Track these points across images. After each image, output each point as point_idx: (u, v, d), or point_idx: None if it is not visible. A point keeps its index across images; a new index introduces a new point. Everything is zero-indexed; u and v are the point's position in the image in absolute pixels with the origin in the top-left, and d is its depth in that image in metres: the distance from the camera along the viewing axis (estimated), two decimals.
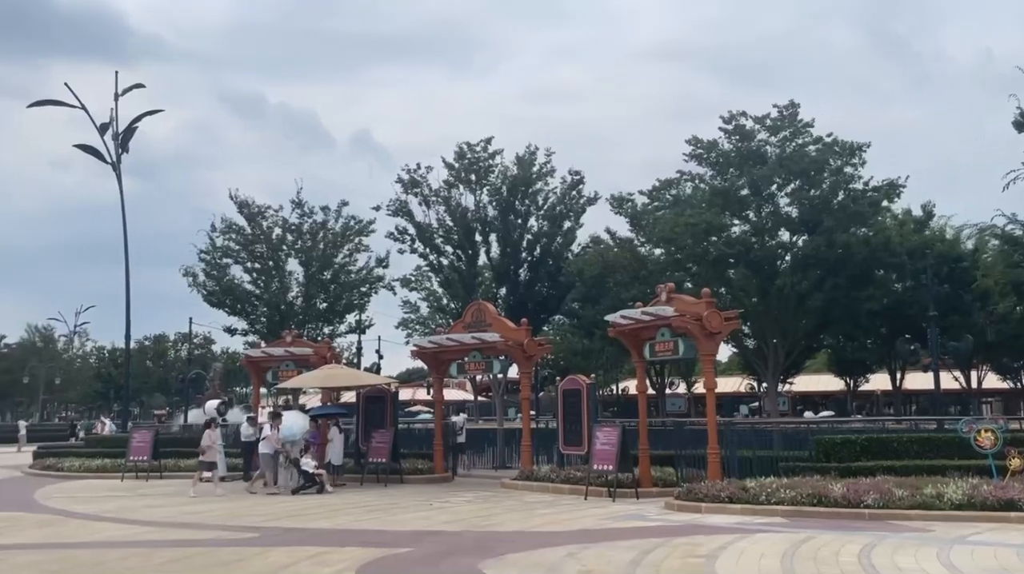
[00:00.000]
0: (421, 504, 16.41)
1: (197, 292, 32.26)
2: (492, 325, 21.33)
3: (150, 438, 24.22)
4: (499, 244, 28.43)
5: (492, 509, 15.36)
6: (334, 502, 16.97)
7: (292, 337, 25.08)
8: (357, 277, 33.79)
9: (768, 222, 25.13)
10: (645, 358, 17.81)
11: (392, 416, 23.03)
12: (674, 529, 12.34)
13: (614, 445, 16.74)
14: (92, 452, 27.31)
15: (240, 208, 32.70)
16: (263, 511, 15.64)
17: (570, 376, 19.72)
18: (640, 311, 16.84)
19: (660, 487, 17.40)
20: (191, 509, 16.20)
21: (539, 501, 16.70)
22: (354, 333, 35.44)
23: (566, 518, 13.82)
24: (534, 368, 21.68)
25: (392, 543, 11.26)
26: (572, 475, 18.36)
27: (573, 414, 19.22)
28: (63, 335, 75.77)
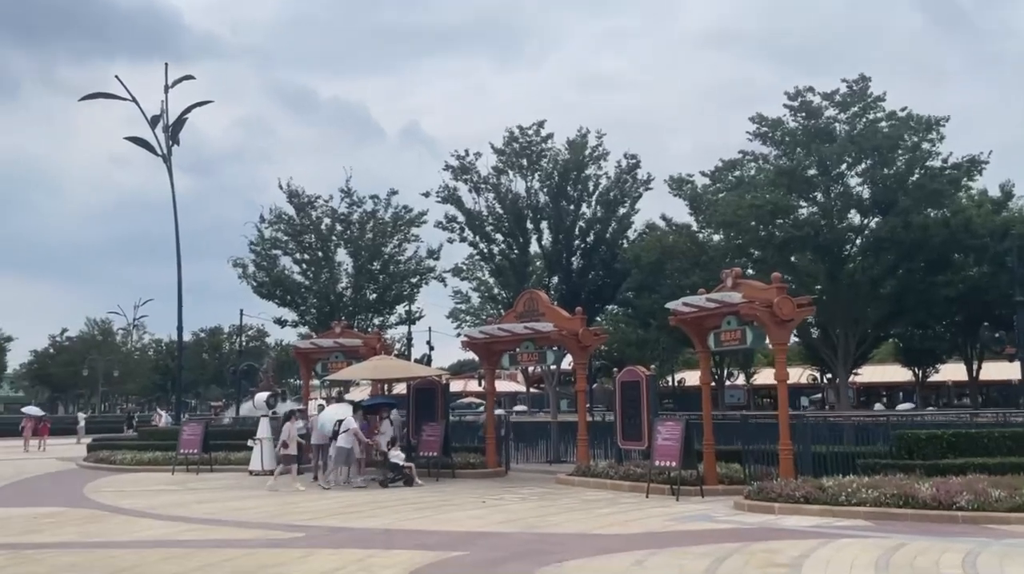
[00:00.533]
0: (474, 501, 15.68)
1: (247, 284, 32.09)
2: (545, 314, 20.49)
3: (200, 431, 23.98)
4: (551, 231, 27.45)
5: (549, 508, 14.54)
6: (383, 498, 16.33)
7: (341, 328, 24.60)
8: (407, 267, 33.21)
9: (837, 203, 23.67)
10: (709, 348, 16.77)
11: (443, 408, 22.38)
12: (748, 533, 11.35)
13: (677, 440, 15.76)
14: (145, 445, 27.28)
15: (290, 198, 32.35)
16: (311, 508, 15.08)
17: (628, 367, 18.77)
18: (704, 298, 15.80)
19: (726, 485, 16.37)
20: (238, 505, 15.73)
21: (598, 499, 15.83)
22: (404, 324, 34.88)
23: (628, 519, 12.92)
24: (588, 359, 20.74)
25: (443, 545, 10.51)
26: (632, 471, 17.44)
27: (632, 407, 18.28)
28: (121, 328, 77.27)
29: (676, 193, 27.39)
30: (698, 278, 23.15)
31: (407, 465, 19.09)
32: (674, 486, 15.84)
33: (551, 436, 26.04)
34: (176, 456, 23.82)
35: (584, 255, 26.98)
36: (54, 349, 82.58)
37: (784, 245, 23.33)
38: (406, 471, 18.86)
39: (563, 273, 26.89)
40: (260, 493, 17.90)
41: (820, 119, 24.45)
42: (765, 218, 22.82)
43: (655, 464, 16.12)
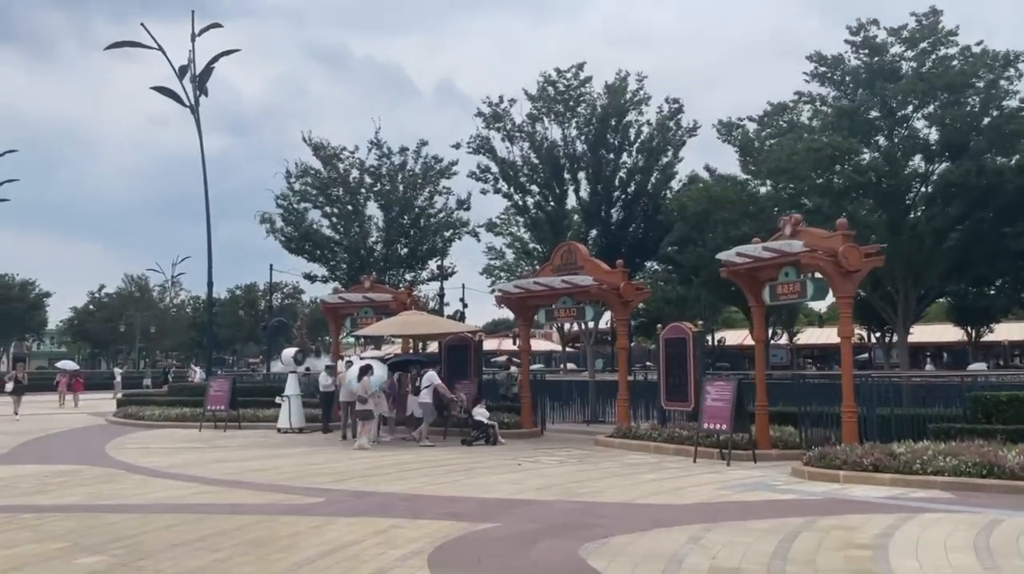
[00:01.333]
0: (508, 464, 14.69)
1: (275, 239, 31.21)
2: (584, 267, 19.28)
3: (228, 387, 23.33)
4: (589, 182, 26.01)
5: (589, 472, 13.48)
6: (412, 460, 15.42)
7: (370, 283, 23.66)
8: (438, 221, 32.08)
9: (901, 148, 21.86)
10: (764, 302, 15.44)
11: (476, 366, 21.41)
12: (814, 505, 10.17)
13: (728, 401, 14.56)
14: (174, 400, 26.81)
15: (315, 151, 31.27)
16: (335, 469, 14.20)
17: (673, 324, 17.54)
18: (761, 247, 14.44)
19: (780, 449, 15.20)
20: (260, 465, 14.93)
21: (640, 463, 14.74)
22: (436, 280, 33.80)
23: (677, 486, 11.80)
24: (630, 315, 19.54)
25: (473, 515, 9.49)
26: (676, 433, 16.31)
27: (677, 366, 17.10)
28: (157, 285, 77.58)
29: (725, 139, 25.72)
30: (748, 229, 21.65)
31: (491, 423, 18.43)
32: (724, 450, 14.70)
33: (588, 396, 25.04)
34: (204, 413, 23.25)
35: (624, 207, 25.55)
36: (93, 306, 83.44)
37: (843, 193, 21.66)
38: (490, 430, 18.22)
39: (602, 226, 25.53)
40: (285, 452, 17.14)
41: (885, 56, 22.53)
42: (824, 163, 21.11)
43: (703, 426, 14.96)
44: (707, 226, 25.72)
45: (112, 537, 8.46)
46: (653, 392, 21.10)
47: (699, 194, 25.17)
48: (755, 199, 24.82)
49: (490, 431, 18.27)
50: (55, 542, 8.26)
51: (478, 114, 26.25)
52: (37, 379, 47.59)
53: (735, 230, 23.30)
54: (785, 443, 15.35)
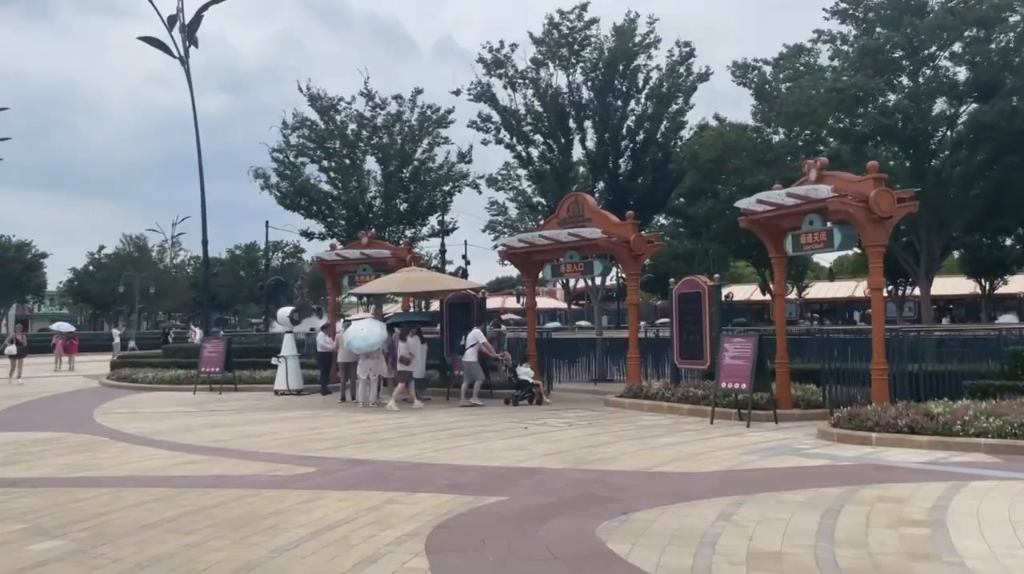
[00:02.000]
0: (515, 426, 13.87)
1: (270, 194, 30.15)
2: (592, 219, 18.27)
3: (222, 348, 22.52)
4: (596, 131, 24.82)
5: (600, 436, 12.65)
6: (414, 424, 14.60)
7: (368, 238, 22.69)
8: (438, 175, 30.97)
9: (927, 88, 20.61)
10: (786, 252, 14.45)
11: (479, 324, 20.48)
12: (850, 472, 9.32)
13: (748, 359, 13.66)
14: (169, 362, 26.07)
15: (311, 101, 30.04)
16: (332, 434, 13.39)
17: (688, 277, 16.58)
18: (784, 193, 13.41)
19: (802, 409, 14.36)
20: (252, 430, 14.14)
21: (654, 425, 13.91)
22: (437, 237, 32.76)
23: (697, 451, 10.95)
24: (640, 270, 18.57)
25: (477, 487, 8.65)
26: (691, 393, 15.46)
27: (691, 322, 16.19)
28: (156, 245, 76.67)
29: (740, 81, 24.46)
30: (764, 177, 20.56)
31: (535, 382, 17.78)
32: (743, 411, 13.86)
33: (596, 354, 24.23)
34: (198, 375, 22.48)
35: (632, 157, 24.40)
36: (93, 267, 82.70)
37: (865, 138, 20.49)
38: (535, 389, 17.59)
39: (609, 177, 24.40)
40: (280, 415, 16.36)
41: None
42: (847, 105, 19.92)
43: (721, 386, 14.09)
44: (720, 175, 24.60)
45: (77, 517, 7.64)
46: (664, 350, 20.26)
47: (712, 141, 24.00)
48: (771, 146, 23.64)
49: (534, 390, 17.65)
50: (13, 523, 7.44)
51: (479, 60, 25.00)
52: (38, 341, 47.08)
53: (750, 178, 22.20)
54: (807, 402, 14.51)
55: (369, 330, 17.17)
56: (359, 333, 17.05)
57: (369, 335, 17.03)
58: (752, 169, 23.06)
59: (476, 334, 17.90)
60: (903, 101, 20.49)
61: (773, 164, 22.05)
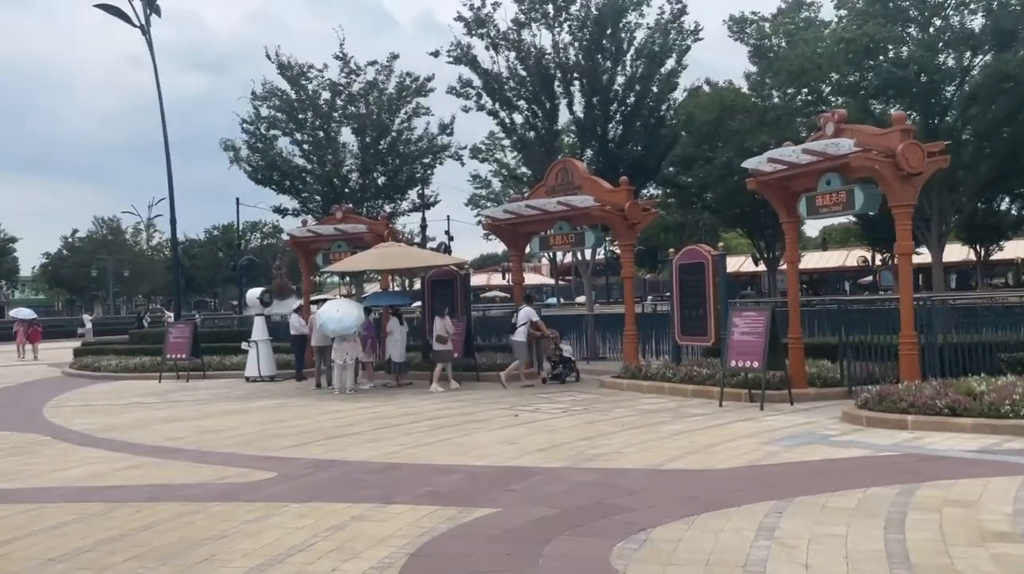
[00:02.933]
0: (503, 414, 12.56)
1: (240, 168, 28.48)
2: (583, 187, 16.89)
3: (189, 333, 21.06)
4: (583, 95, 23.33)
5: (599, 424, 11.36)
6: (392, 414, 13.26)
7: (343, 213, 21.16)
8: (418, 147, 29.40)
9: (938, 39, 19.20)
10: (800, 217, 13.13)
11: (464, 303, 19.13)
12: (895, 464, 8.06)
13: (760, 335, 12.38)
14: (135, 349, 24.57)
15: (281, 69, 28.31)
16: (301, 428, 12.04)
17: (689, 247, 15.24)
18: (799, 150, 12.05)
19: (818, 387, 13.13)
20: (213, 424, 12.78)
21: (657, 409, 12.63)
22: (418, 211, 31.29)
23: (710, 441, 9.67)
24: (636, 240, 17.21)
25: (462, 495, 7.34)
26: (696, 372, 14.19)
27: (694, 295, 14.87)
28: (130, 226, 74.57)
29: (737, 37, 23.00)
30: (767, 137, 19.21)
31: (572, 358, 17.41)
32: (754, 391, 12.61)
33: (587, 331, 22.97)
34: (163, 362, 21.04)
35: (623, 121, 22.95)
36: (67, 251, 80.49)
37: (876, 92, 19.12)
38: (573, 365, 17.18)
39: (598, 144, 22.93)
40: (248, 406, 14.99)
41: None
42: (857, 56, 18.51)
43: (730, 364, 12.81)
44: (717, 138, 23.20)
45: None
46: (661, 325, 18.99)
47: (710, 101, 22.57)
48: (772, 106, 22.23)
49: (573, 366, 17.10)
50: None
51: (458, 18, 23.35)
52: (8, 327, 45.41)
53: (751, 140, 20.82)
54: (823, 381, 13.27)
55: (344, 311, 15.78)
56: (333, 314, 15.65)
57: (344, 317, 15.64)
58: (752, 131, 21.69)
59: (529, 312, 16.91)
60: (917, 51, 19.08)
61: (774, 125, 20.76)
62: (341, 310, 15.79)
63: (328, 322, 15.64)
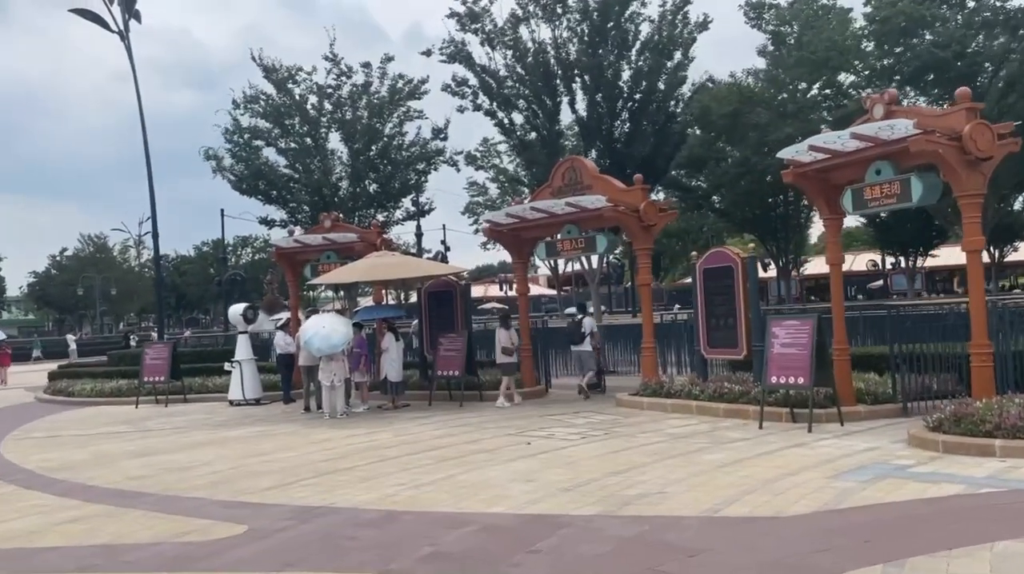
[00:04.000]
0: (514, 441, 11.05)
1: (223, 178, 26.98)
2: (592, 187, 15.45)
3: (167, 354, 19.50)
4: (586, 93, 21.93)
5: (626, 452, 9.85)
6: (389, 442, 11.73)
7: (332, 221, 19.68)
8: (410, 153, 27.94)
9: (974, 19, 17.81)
10: (844, 211, 11.67)
11: (464, 316, 17.64)
12: (1010, 505, 6.57)
13: (805, 347, 10.91)
14: (112, 371, 22.96)
15: (266, 73, 26.85)
16: (284, 463, 10.51)
17: (715, 250, 13.78)
18: (847, 135, 10.59)
19: (868, 405, 11.64)
20: (186, 459, 11.27)
21: (688, 432, 11.14)
22: (412, 219, 29.75)
23: (766, 474, 8.17)
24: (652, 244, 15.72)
25: (477, 560, 5.85)
26: (728, 390, 12.70)
27: (721, 303, 13.42)
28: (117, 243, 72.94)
29: (754, 23, 21.61)
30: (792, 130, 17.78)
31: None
32: (796, 410, 11.15)
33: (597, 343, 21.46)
34: (140, 386, 19.50)
35: (630, 119, 21.52)
36: (55, 269, 78.88)
37: (912, 78, 17.71)
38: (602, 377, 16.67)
39: (604, 144, 21.51)
40: (229, 434, 13.45)
41: None
42: (892, 36, 17.10)
43: (770, 380, 11.32)
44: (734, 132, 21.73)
45: None
46: (679, 336, 17.55)
47: (727, 93, 21.12)
48: (793, 97, 20.77)
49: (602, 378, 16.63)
50: None
51: (451, 14, 21.91)
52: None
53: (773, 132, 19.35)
54: (874, 397, 11.78)
55: (332, 327, 14.26)
56: (319, 331, 14.13)
57: (332, 334, 14.12)
58: (773, 124, 20.24)
59: (591, 322, 16.44)
60: (958, 30, 17.63)
61: (797, 116, 19.34)
62: (328, 326, 14.27)
63: (314, 339, 14.11)
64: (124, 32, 31.09)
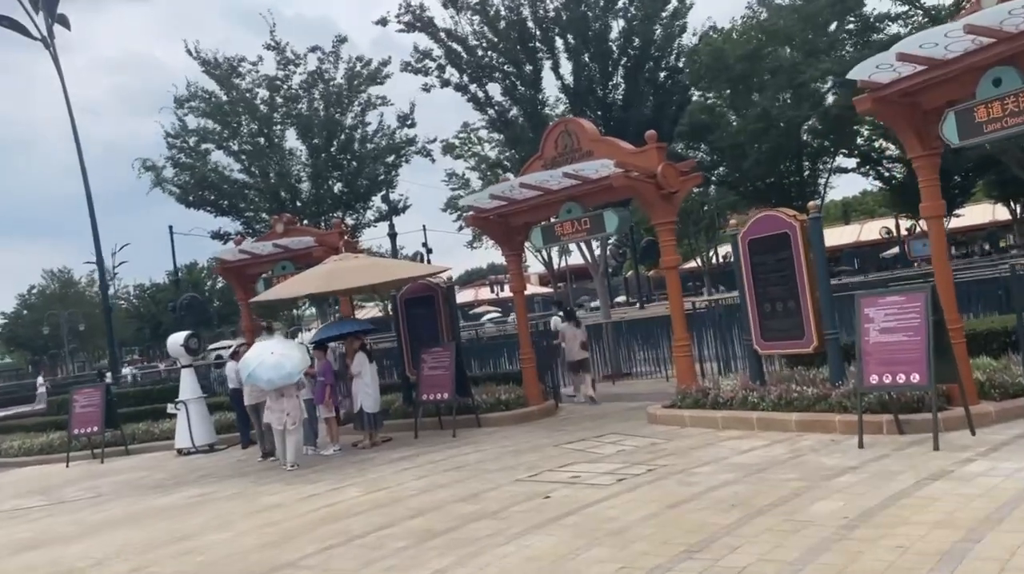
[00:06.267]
0: (524, 493, 8.01)
1: (164, 191, 23.77)
2: (594, 152, 12.45)
3: (99, 400, 16.33)
4: (570, 54, 18.86)
5: (690, 501, 6.83)
6: (352, 507, 8.64)
7: (284, 224, 16.60)
8: (376, 145, 24.83)
9: None
10: (946, 141, 8.58)
11: (450, 324, 14.55)
12: None
13: (918, 331, 7.90)
14: (45, 423, 19.75)
15: (205, 67, 23.68)
16: (202, 555, 7.41)
17: (763, 214, 10.71)
18: (960, 27, 7.54)
19: (996, 400, 8.68)
20: (80, 550, 8.26)
21: (761, 459, 8.15)
22: (385, 220, 26.47)
23: (923, 539, 5.14)
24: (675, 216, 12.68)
25: None
26: (796, 394, 9.70)
27: (777, 283, 10.41)
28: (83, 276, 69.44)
29: None
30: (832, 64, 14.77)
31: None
32: (903, 417, 8.17)
33: (606, 343, 18.55)
34: (69, 441, 16.38)
35: (626, 78, 18.45)
36: (25, 309, 75.36)
37: None
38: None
39: (598, 109, 18.44)
40: (155, 504, 10.35)
41: None
42: None
43: (869, 381, 8.30)
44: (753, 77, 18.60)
45: None
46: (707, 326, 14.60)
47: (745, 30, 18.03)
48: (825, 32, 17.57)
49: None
50: None
51: None
52: None
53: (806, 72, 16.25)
54: (1001, 389, 8.80)
55: (281, 354, 11.11)
56: (265, 359, 10.98)
57: (282, 360, 11.01)
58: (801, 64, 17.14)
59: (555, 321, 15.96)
60: None
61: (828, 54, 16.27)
62: (277, 351, 11.12)
63: (259, 371, 10.96)
64: (48, 39, 28.03)
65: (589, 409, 13.88)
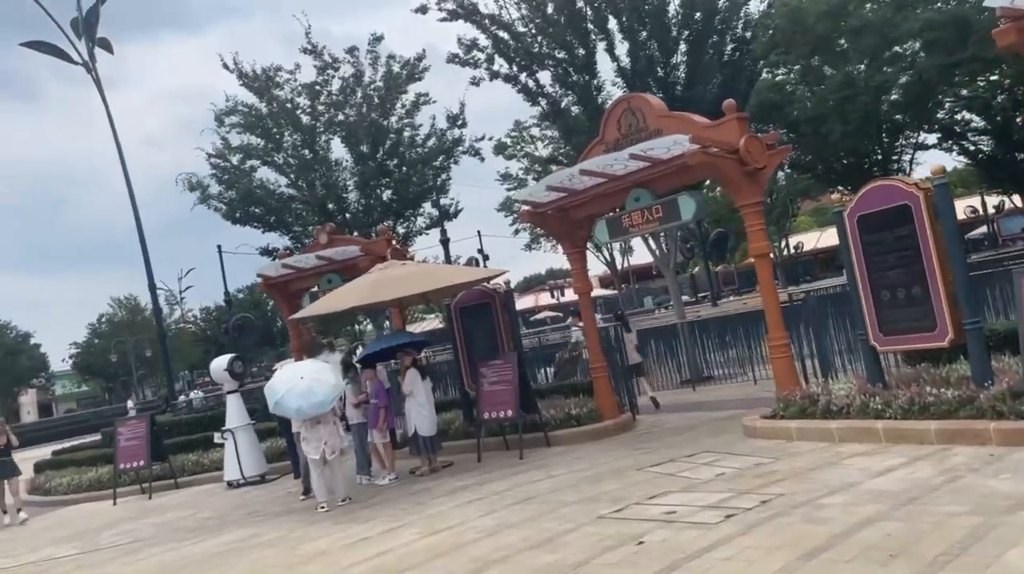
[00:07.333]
0: (609, 534, 6.52)
1: (209, 208, 23.01)
2: (663, 130, 10.91)
3: (143, 432, 15.35)
4: (626, 35, 17.34)
5: (831, 549, 5.24)
6: (406, 555, 7.25)
7: (328, 234, 15.46)
8: (425, 148, 23.66)
9: None
10: None
11: (510, 332, 13.10)
12: None
13: None
14: (96, 456, 18.89)
15: (243, 80, 22.84)
16: None
17: (877, 184, 9.01)
18: None
19: None
20: None
21: (904, 480, 6.54)
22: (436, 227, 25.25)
23: None
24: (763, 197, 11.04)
25: None
26: (932, 397, 8.00)
27: (896, 265, 8.73)
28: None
29: None
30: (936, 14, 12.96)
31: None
32: None
33: (681, 344, 16.99)
34: (116, 476, 15.45)
35: (689, 54, 16.83)
36: (96, 338, 76.82)
37: None
38: None
39: (659, 89, 16.82)
40: (190, 552, 9.13)
41: None
42: None
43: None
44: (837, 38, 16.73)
45: None
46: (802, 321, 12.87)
47: None
48: None
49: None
50: None
51: None
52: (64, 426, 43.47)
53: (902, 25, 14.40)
54: None
55: (312, 378, 9.81)
56: (294, 386, 9.69)
57: (313, 386, 9.71)
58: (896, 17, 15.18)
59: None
60: None
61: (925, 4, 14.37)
62: (307, 376, 9.81)
63: (287, 398, 9.66)
64: (90, 63, 27.71)
65: (670, 421, 12.31)
